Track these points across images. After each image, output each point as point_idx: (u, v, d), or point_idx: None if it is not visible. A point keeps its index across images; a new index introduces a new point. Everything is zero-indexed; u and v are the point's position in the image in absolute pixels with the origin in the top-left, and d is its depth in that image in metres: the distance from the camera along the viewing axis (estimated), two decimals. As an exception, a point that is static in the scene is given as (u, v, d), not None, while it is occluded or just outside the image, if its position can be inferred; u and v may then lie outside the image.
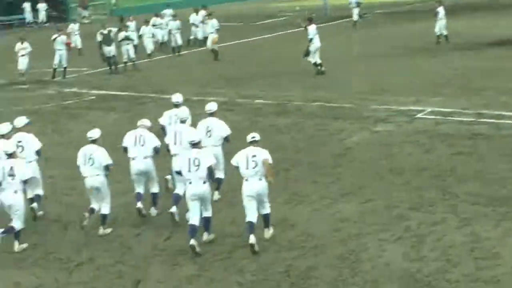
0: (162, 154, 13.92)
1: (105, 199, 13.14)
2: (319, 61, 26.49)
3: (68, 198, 14.87)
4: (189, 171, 12.09)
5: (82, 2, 62.14)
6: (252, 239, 11.64)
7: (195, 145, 12.40)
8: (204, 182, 12.13)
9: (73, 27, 37.59)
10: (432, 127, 18.68)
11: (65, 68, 30.01)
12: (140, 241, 12.64)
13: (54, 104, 24.66)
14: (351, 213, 13.11)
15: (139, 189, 13.67)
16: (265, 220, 12.31)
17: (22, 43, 29.54)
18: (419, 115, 19.91)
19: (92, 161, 13.00)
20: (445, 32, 32.75)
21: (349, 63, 28.85)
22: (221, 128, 14.25)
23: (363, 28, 39.61)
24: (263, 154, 12.03)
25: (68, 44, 30.48)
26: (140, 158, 13.61)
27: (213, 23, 33.09)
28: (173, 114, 14.93)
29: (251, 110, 21.30)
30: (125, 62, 30.91)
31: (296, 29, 33.61)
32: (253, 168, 11.95)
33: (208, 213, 12.35)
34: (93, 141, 13.19)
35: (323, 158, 16.57)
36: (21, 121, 14.21)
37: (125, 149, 13.77)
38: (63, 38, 30.04)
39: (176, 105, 15.14)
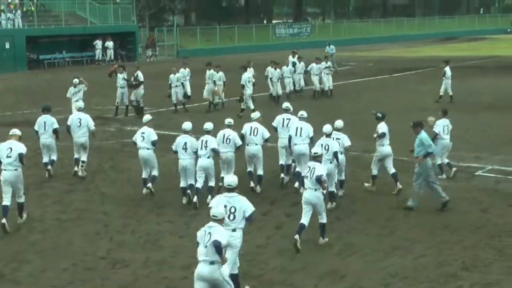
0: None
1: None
2: None
3: (120, 235, 14.95)
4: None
5: (149, 42, 63.57)
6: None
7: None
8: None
9: (183, 72, 32.60)
10: (492, 185, 18.37)
11: (127, 106, 30.37)
12: (188, 284, 12.57)
13: (114, 141, 24.98)
14: (403, 268, 12.86)
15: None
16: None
17: (75, 86, 26.46)
18: (478, 172, 19.62)
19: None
20: (449, 93, 32.91)
21: (413, 115, 28.57)
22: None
23: (429, 81, 39.47)
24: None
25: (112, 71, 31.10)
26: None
27: (212, 73, 31.81)
28: (285, 117, 18.67)
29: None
30: (175, 104, 31.32)
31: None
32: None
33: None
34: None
35: (378, 210, 16.38)
36: (146, 118, 18.46)
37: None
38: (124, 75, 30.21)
39: (286, 110, 18.96)
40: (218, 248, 10.09)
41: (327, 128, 16.68)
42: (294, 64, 35.16)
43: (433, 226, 15.16)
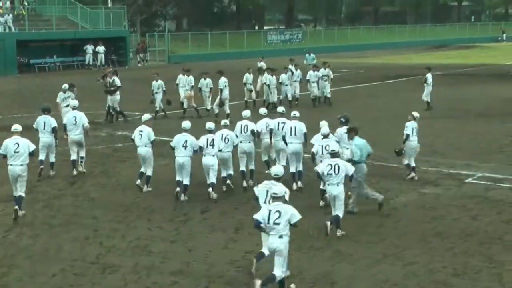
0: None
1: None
2: None
3: (110, 240, 14.90)
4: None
5: (140, 47, 63.55)
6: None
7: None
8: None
9: (181, 78, 32.38)
10: (482, 192, 18.37)
11: (117, 111, 30.32)
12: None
13: (104, 146, 24.93)
14: (393, 275, 12.84)
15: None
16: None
17: (64, 92, 26.23)
18: (469, 180, 19.65)
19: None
20: (426, 99, 33.19)
21: (402, 122, 28.65)
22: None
23: (420, 88, 39.50)
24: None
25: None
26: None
27: (191, 78, 31.86)
28: (280, 121, 19.20)
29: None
30: (163, 110, 31.20)
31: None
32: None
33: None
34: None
35: (369, 217, 16.37)
36: (145, 117, 19.32)
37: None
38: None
39: (282, 114, 19.68)
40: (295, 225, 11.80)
41: (325, 129, 17.35)
42: (267, 69, 35.20)
43: (423, 233, 15.16)
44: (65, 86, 26.38)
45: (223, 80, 30.69)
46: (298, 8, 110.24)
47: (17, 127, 16.92)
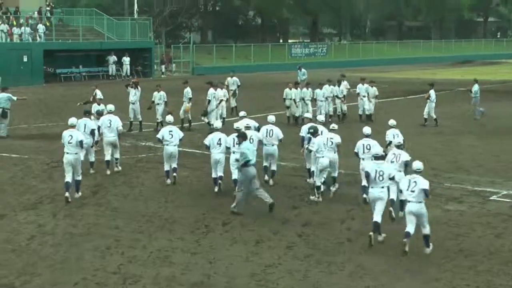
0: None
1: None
2: None
3: (131, 251, 14.90)
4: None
5: (165, 58, 63.92)
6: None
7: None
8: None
9: (188, 90, 31.70)
10: (506, 210, 18.19)
11: (140, 121, 30.38)
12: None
13: (128, 156, 24.97)
14: (415, 292, 12.77)
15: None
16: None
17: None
18: (493, 197, 19.47)
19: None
20: (427, 115, 33.22)
21: (427, 138, 28.57)
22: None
23: (444, 104, 39.30)
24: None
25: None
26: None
27: (188, 90, 31.58)
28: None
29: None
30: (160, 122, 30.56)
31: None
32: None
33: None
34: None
35: (391, 233, 16.17)
36: (170, 118, 21.06)
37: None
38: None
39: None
40: (427, 193, 14.58)
41: (366, 129, 18.84)
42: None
43: (446, 250, 15.03)
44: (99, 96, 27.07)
45: (211, 92, 30.75)
46: (322, 22, 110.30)
47: (72, 121, 19.30)
